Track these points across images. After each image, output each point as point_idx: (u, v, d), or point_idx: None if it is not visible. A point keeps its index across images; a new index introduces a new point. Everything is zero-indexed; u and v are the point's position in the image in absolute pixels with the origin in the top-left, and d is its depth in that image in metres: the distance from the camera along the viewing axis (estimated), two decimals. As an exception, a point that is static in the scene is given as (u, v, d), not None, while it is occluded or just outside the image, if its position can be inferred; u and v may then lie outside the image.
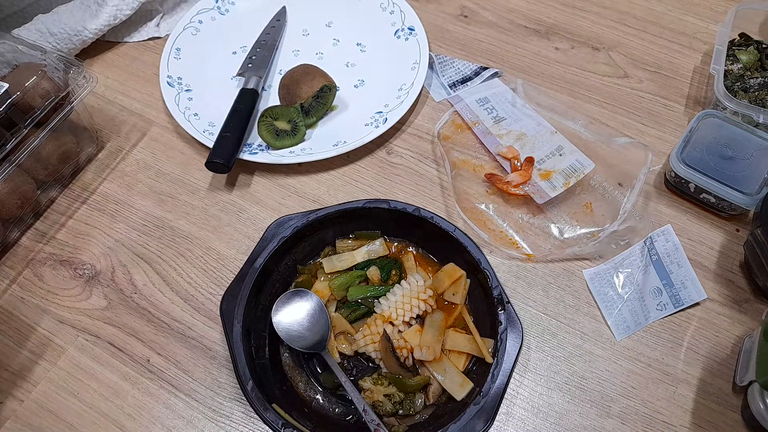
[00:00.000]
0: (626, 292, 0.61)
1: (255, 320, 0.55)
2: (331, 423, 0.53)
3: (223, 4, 0.84)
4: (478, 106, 0.74)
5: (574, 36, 0.83)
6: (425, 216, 0.57)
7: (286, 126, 0.69)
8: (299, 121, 0.69)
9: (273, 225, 0.58)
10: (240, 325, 0.52)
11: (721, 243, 0.64)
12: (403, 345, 0.54)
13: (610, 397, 0.56)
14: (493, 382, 0.50)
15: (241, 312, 0.53)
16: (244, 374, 0.50)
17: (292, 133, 0.69)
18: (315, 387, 0.56)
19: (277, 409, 0.49)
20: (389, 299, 0.57)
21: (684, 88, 0.77)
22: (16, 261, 0.64)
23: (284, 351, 0.57)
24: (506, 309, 0.53)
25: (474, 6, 0.86)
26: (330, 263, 0.59)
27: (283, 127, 0.69)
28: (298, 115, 0.69)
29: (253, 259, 0.55)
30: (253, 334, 0.54)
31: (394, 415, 0.53)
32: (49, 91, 0.62)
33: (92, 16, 0.77)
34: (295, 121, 0.69)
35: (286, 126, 0.69)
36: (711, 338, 0.58)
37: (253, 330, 0.54)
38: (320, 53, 0.81)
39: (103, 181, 0.70)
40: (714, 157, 0.63)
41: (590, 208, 0.66)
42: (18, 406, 0.56)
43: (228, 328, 0.52)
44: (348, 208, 0.58)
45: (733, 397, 0.55)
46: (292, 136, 0.69)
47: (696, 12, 0.85)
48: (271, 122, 0.69)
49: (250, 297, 0.54)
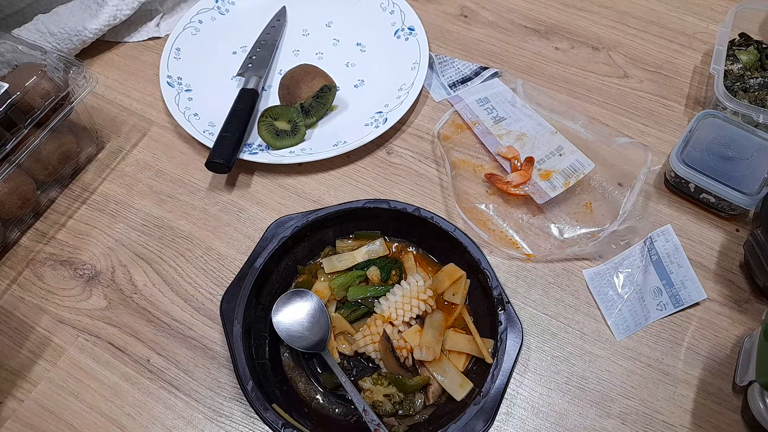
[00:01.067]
0: (626, 292, 0.61)
1: (255, 320, 0.55)
2: (331, 423, 0.53)
3: (223, 4, 0.84)
4: (478, 106, 0.74)
5: (574, 36, 0.83)
6: (425, 216, 0.57)
7: (287, 126, 0.69)
8: (299, 121, 0.69)
9: (273, 225, 0.58)
10: (240, 325, 0.52)
11: (721, 243, 0.64)
12: (403, 345, 0.54)
13: (610, 397, 0.56)
14: (493, 383, 0.50)
15: (241, 312, 0.53)
16: (244, 374, 0.50)
17: (292, 133, 0.69)
18: (315, 387, 0.55)
19: (277, 409, 0.49)
20: (389, 299, 0.57)
21: (684, 88, 0.77)
22: (16, 261, 0.64)
23: (284, 351, 0.57)
24: (506, 309, 0.53)
25: (474, 6, 0.86)
26: (330, 263, 0.59)
27: (283, 127, 0.69)
28: (298, 115, 0.69)
29: (253, 259, 0.55)
30: (253, 334, 0.54)
31: (394, 415, 0.53)
32: (49, 91, 0.62)
33: (92, 16, 0.77)
34: (295, 121, 0.69)
35: (287, 126, 0.69)
36: (711, 338, 0.58)
37: (253, 330, 0.54)
38: (320, 53, 0.81)
39: (103, 181, 0.70)
40: (714, 157, 0.63)
41: (590, 208, 0.66)
42: (18, 406, 0.56)
43: (228, 328, 0.52)
44: (348, 208, 0.58)
45: (733, 397, 0.55)
46: (292, 136, 0.69)
47: (696, 12, 0.85)
48: (271, 122, 0.69)
49: (250, 297, 0.54)
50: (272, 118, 0.69)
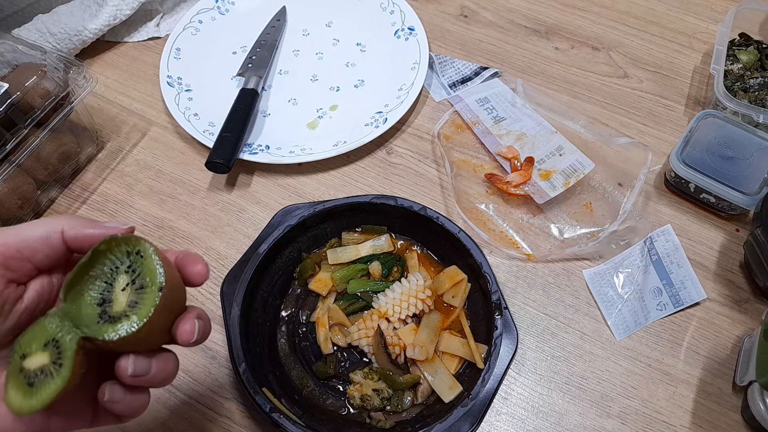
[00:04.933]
0: (626, 292, 0.61)
1: (254, 305, 0.56)
2: (321, 412, 0.53)
3: (223, 4, 0.84)
4: (478, 106, 0.74)
5: (574, 36, 0.83)
6: (431, 216, 0.58)
7: (44, 358, 0.32)
8: (63, 336, 0.32)
9: (280, 213, 0.59)
10: (238, 308, 0.53)
11: (721, 243, 0.64)
12: (396, 342, 0.54)
13: (610, 397, 0.56)
14: (483, 386, 0.50)
15: (240, 295, 0.54)
16: (237, 356, 0.51)
17: (47, 375, 0.31)
18: (308, 375, 0.56)
19: (268, 393, 0.50)
20: (387, 295, 0.57)
21: (684, 88, 0.77)
22: (16, 261, 0.64)
23: (280, 338, 0.58)
24: (503, 314, 0.53)
25: (474, 6, 0.86)
26: (334, 254, 0.60)
27: (38, 363, 0.32)
28: (60, 326, 0.32)
29: (258, 244, 0.56)
30: (250, 319, 0.55)
31: (382, 410, 0.53)
32: (49, 91, 0.62)
33: (92, 16, 0.77)
34: (56, 342, 0.32)
35: (44, 358, 0.32)
36: (711, 338, 0.58)
37: (251, 315, 0.55)
38: (320, 53, 0.81)
39: (103, 181, 0.70)
40: (714, 157, 0.63)
41: (590, 208, 0.66)
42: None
43: (227, 310, 0.53)
44: (355, 202, 0.59)
45: (733, 397, 0.55)
46: (51, 379, 0.31)
47: (696, 12, 0.85)
48: (18, 364, 0.32)
49: (251, 282, 0.55)
50: (20, 352, 0.32)
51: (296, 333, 0.58)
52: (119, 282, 0.33)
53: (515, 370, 0.57)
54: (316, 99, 0.76)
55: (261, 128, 0.73)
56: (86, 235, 0.34)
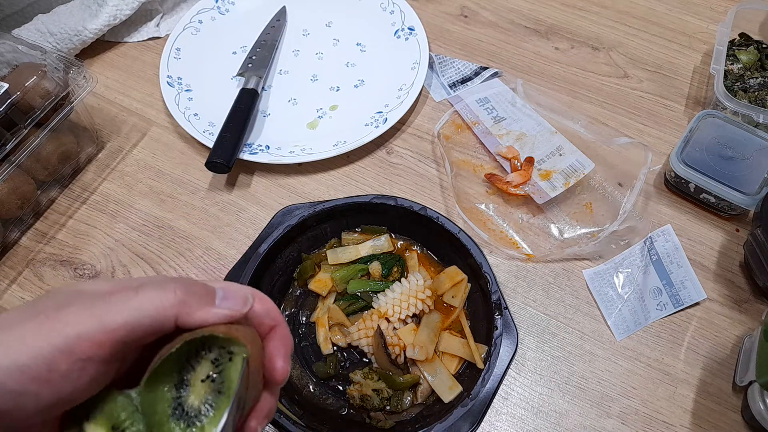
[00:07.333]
0: (626, 292, 0.61)
1: None
2: (321, 413, 0.53)
3: (223, 4, 0.84)
4: (478, 106, 0.74)
5: (574, 36, 0.83)
6: (431, 216, 0.58)
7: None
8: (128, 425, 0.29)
9: (280, 213, 0.59)
10: None
11: (721, 243, 0.64)
12: (396, 342, 0.54)
13: (610, 397, 0.56)
14: (483, 387, 0.50)
15: None
16: None
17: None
18: (308, 375, 0.56)
19: None
20: (387, 295, 0.57)
21: (684, 88, 0.77)
22: (16, 261, 0.64)
23: None
24: (503, 315, 0.53)
25: (474, 6, 0.86)
26: (334, 255, 0.60)
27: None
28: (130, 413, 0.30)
29: (258, 244, 0.56)
30: None
31: (382, 410, 0.53)
32: (49, 91, 0.62)
33: (92, 16, 0.77)
34: None
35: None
36: (711, 338, 0.58)
37: None
38: (320, 53, 0.81)
39: (103, 181, 0.70)
40: (714, 157, 0.63)
41: (590, 208, 0.66)
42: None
43: None
44: (355, 202, 0.59)
45: (733, 397, 0.55)
46: None
47: (696, 12, 0.85)
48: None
49: (251, 282, 0.54)
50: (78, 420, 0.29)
51: (296, 333, 0.58)
52: (202, 369, 0.30)
53: (515, 370, 0.57)
54: (316, 99, 0.76)
55: (261, 128, 0.73)
56: (197, 322, 0.30)
